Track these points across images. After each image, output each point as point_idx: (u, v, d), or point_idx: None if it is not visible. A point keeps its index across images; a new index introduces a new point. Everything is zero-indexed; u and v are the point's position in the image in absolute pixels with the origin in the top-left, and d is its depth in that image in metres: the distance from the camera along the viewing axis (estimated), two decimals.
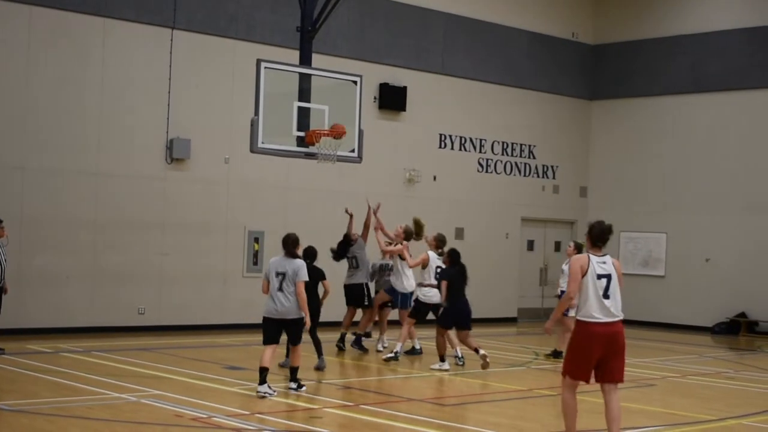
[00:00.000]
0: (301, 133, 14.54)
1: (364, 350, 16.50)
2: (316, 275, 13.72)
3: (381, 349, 16.90)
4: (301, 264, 12.18)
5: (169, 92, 19.26)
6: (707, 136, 24.75)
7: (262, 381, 11.93)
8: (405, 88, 22.84)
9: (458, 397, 12.47)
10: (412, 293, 16.31)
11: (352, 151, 14.99)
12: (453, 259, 15.40)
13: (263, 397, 11.73)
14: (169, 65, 19.30)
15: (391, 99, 22.57)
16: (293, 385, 12.34)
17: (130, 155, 18.97)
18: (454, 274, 15.32)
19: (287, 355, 13.56)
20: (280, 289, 11.99)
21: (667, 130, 25.54)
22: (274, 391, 11.91)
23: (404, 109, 22.89)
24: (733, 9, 24.65)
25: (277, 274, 12.07)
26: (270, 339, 12.12)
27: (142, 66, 19.24)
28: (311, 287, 13.10)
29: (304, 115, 14.62)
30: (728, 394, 13.43)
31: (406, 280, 16.41)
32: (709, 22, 24.91)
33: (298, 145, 14.63)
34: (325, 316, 14.38)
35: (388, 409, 11.39)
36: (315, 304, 13.47)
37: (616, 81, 26.70)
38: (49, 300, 17.96)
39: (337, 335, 16.72)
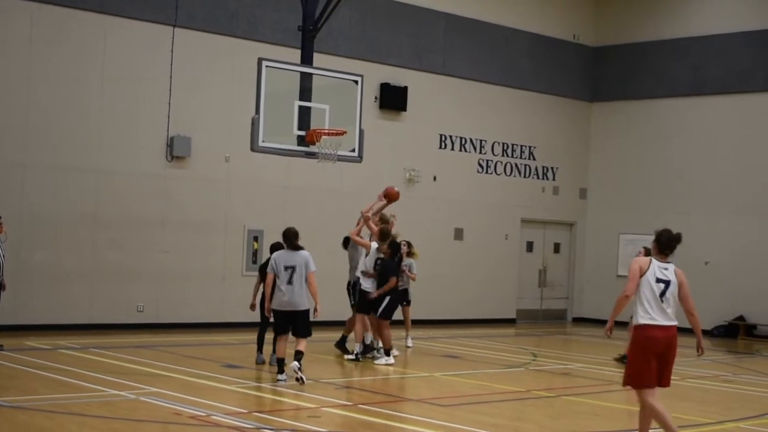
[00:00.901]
0: (302, 132, 14.56)
1: (347, 352, 15.95)
2: None
3: (410, 345, 17.41)
4: (308, 255, 12.68)
5: (170, 90, 19.28)
6: (707, 138, 24.75)
7: (281, 370, 12.72)
8: (406, 88, 22.85)
9: (456, 398, 12.48)
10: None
11: (353, 150, 15.04)
12: (393, 250, 15.28)
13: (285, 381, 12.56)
14: (170, 63, 19.31)
15: (392, 99, 22.60)
16: (296, 365, 12.51)
17: (130, 153, 18.98)
18: (394, 267, 15.25)
19: (274, 351, 13.77)
20: (290, 282, 12.49)
21: (667, 132, 25.55)
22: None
23: (405, 109, 22.91)
24: (734, 12, 24.66)
25: (286, 267, 12.54)
26: (281, 330, 12.87)
27: (144, 63, 19.26)
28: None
29: (304, 114, 14.66)
30: (726, 398, 13.45)
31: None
32: (711, 25, 24.92)
33: (299, 144, 14.68)
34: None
35: (386, 409, 11.40)
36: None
37: (617, 83, 26.71)
38: (48, 297, 17.97)
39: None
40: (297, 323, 12.81)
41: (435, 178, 23.77)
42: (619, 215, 26.30)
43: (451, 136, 24.18)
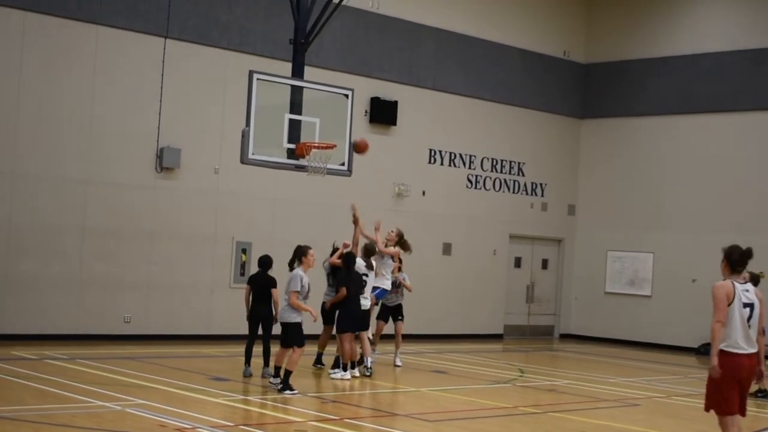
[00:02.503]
0: (292, 146, 14.56)
1: (322, 365, 15.93)
2: (268, 283, 14.62)
3: (399, 364, 17.19)
4: (293, 275, 13.47)
5: (160, 101, 19.27)
6: (695, 156, 24.85)
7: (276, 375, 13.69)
8: (396, 102, 22.89)
9: (443, 413, 12.46)
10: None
11: (342, 164, 15.02)
12: (348, 263, 15.24)
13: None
14: (161, 74, 19.30)
15: (382, 113, 22.63)
16: (275, 381, 13.33)
17: (120, 163, 18.94)
18: (344, 277, 15.21)
19: (265, 364, 14.32)
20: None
21: (655, 150, 25.66)
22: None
23: (395, 123, 22.94)
24: (723, 31, 24.78)
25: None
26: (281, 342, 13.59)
27: (134, 74, 19.25)
28: (263, 294, 14.52)
29: (295, 127, 14.65)
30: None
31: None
32: (700, 43, 25.05)
33: (289, 157, 14.66)
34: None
35: (374, 424, 11.38)
36: (266, 310, 14.52)
37: (607, 100, 26.82)
38: (35, 306, 17.90)
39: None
40: (282, 334, 13.53)
41: (424, 193, 23.78)
42: (608, 232, 26.36)
43: (440, 151, 24.22)
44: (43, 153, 18.11)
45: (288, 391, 12.86)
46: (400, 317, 17.11)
